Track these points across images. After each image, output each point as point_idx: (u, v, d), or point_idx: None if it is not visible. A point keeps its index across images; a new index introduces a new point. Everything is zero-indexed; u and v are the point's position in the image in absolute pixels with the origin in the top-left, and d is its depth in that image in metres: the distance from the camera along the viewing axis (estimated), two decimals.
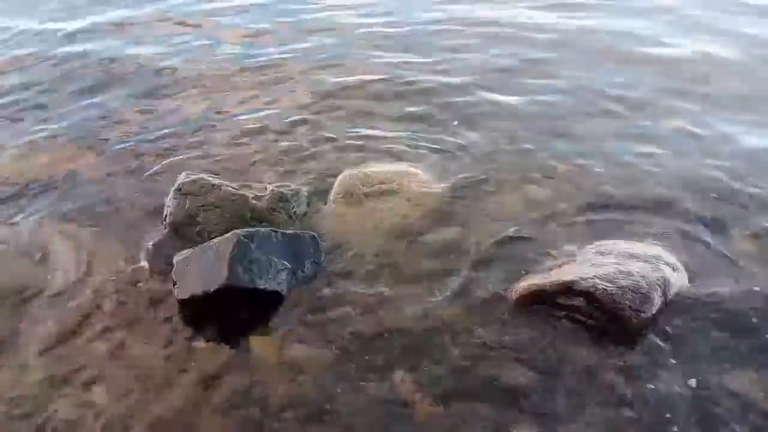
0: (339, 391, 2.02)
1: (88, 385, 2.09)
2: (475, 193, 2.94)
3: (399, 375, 2.05)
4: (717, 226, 2.67)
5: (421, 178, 3.02)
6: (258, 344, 2.21)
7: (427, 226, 2.73)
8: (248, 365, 2.13)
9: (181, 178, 2.90)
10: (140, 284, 2.49)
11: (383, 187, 2.96)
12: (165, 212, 2.81)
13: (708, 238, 2.59)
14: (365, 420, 1.93)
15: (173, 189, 2.86)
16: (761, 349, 2.11)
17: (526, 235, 2.64)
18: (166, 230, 2.74)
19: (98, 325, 2.31)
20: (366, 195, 2.92)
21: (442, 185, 3.00)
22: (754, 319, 2.22)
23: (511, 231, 2.67)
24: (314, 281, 2.45)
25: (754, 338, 2.15)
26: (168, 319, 2.32)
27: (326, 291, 2.41)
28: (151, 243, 2.69)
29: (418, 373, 2.06)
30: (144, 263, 2.59)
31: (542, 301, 2.26)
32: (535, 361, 2.09)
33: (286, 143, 3.44)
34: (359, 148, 3.36)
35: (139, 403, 2.01)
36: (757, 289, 2.34)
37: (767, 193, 2.88)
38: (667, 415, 1.91)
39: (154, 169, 3.26)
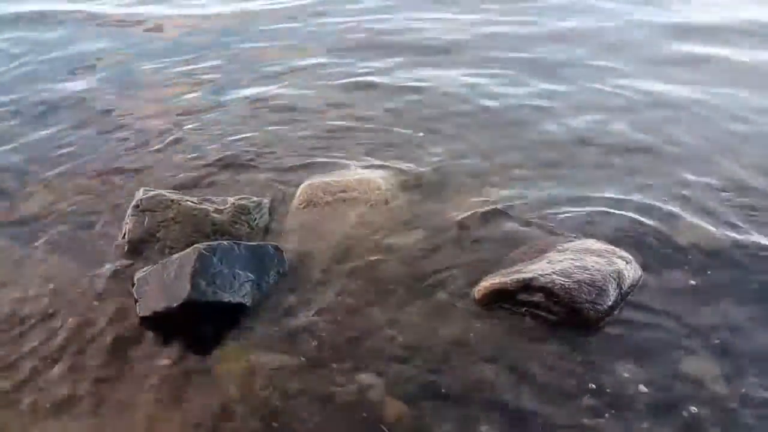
0: (308, 398, 2.02)
1: (49, 408, 2.03)
2: (435, 197, 2.99)
3: (367, 379, 2.07)
4: (667, 219, 2.78)
5: (382, 185, 3.06)
6: (224, 357, 2.19)
7: (389, 232, 2.76)
8: (215, 379, 2.11)
9: (139, 194, 2.86)
10: (101, 304, 2.44)
11: (345, 195, 2.98)
12: (124, 230, 2.76)
13: (659, 232, 2.70)
14: (336, 425, 1.94)
15: (131, 206, 2.82)
16: (713, 335, 2.21)
17: (485, 236, 2.70)
18: (126, 248, 2.70)
19: (57, 346, 2.25)
20: (328, 203, 2.94)
21: (403, 191, 3.04)
22: (705, 307, 2.32)
23: (471, 233, 2.73)
24: (279, 291, 2.45)
25: (706, 326, 2.24)
26: (131, 338, 2.28)
27: (291, 300, 2.41)
28: (110, 262, 2.64)
29: (385, 376, 2.08)
30: (103, 283, 2.54)
31: (503, 298, 2.32)
32: (499, 357, 2.14)
33: (245, 155, 3.43)
34: (320, 157, 3.38)
35: (102, 422, 1.97)
36: (706, 278, 2.45)
37: (716, 185, 3.02)
38: (627, 403, 1.97)
39: (111, 186, 3.20)
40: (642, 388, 2.02)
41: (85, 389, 2.09)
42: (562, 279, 2.26)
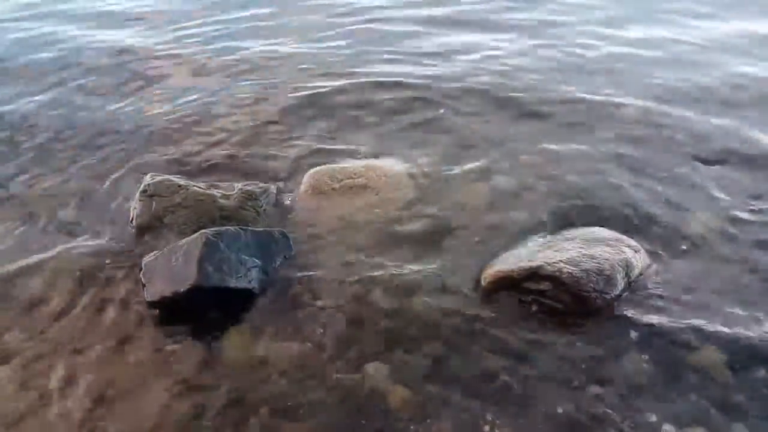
0: (314, 384, 2.03)
1: (58, 392, 2.06)
2: (442, 185, 2.98)
3: (372, 366, 2.07)
4: (675, 208, 2.76)
5: (389, 172, 3.05)
6: (231, 342, 2.20)
7: (396, 219, 2.75)
8: (222, 364, 2.13)
9: (147, 179, 2.87)
10: (108, 288, 2.46)
11: (352, 181, 2.97)
12: (131, 215, 2.78)
13: (667, 221, 2.68)
14: (341, 412, 1.94)
15: (139, 191, 2.83)
16: (720, 324, 2.19)
17: (492, 224, 2.69)
18: (133, 233, 2.71)
19: (67, 331, 2.27)
20: (335, 190, 2.93)
21: (410, 178, 3.03)
22: (713, 296, 2.31)
23: (478, 220, 2.72)
24: (286, 277, 2.45)
25: (714, 315, 2.23)
26: (138, 323, 2.30)
27: (297, 287, 2.41)
28: (118, 246, 2.66)
29: (391, 364, 2.08)
30: (111, 267, 2.55)
31: (510, 286, 2.31)
32: (505, 345, 2.13)
33: (254, 140, 3.43)
34: (328, 144, 3.37)
35: (111, 408, 1.99)
36: (713, 267, 2.43)
37: (722, 175, 2.99)
38: (633, 391, 1.97)
39: (119, 171, 3.21)
40: (648, 377, 2.01)
41: (92, 373, 2.11)
42: (570, 267, 2.24)
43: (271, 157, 3.27)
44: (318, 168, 3.09)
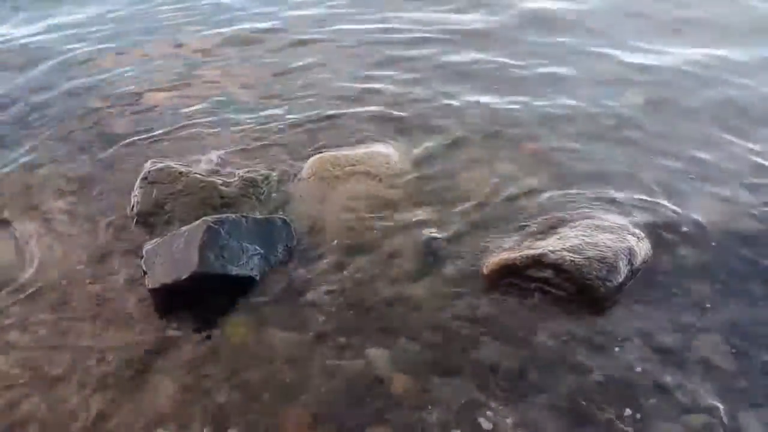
0: (315, 371, 2.03)
1: (60, 379, 2.06)
2: (444, 172, 2.96)
3: (374, 353, 2.07)
4: (679, 196, 2.74)
5: (392, 159, 3.03)
6: (233, 330, 2.20)
7: (398, 206, 2.74)
8: (224, 351, 2.13)
9: (147, 166, 2.86)
10: (110, 276, 2.45)
11: (354, 168, 2.95)
12: (132, 202, 2.77)
13: (671, 208, 2.66)
14: (342, 398, 1.95)
15: (140, 178, 2.82)
16: (724, 314, 2.19)
17: (495, 212, 2.68)
18: (134, 220, 2.70)
19: (68, 319, 2.28)
20: (336, 177, 2.92)
21: (412, 165, 3.01)
22: (716, 285, 2.30)
23: (480, 208, 2.71)
24: (287, 265, 2.45)
25: (717, 303, 2.23)
26: (140, 310, 2.30)
27: (299, 274, 2.41)
28: (119, 234, 2.65)
29: (392, 351, 2.08)
30: (112, 255, 2.55)
31: (513, 274, 2.30)
32: (507, 333, 2.13)
33: (254, 128, 3.40)
34: (330, 130, 3.35)
35: (114, 396, 2.00)
36: (718, 256, 2.42)
37: (728, 162, 2.97)
38: (634, 380, 1.97)
39: (119, 158, 3.19)
40: (651, 365, 2.01)
41: (93, 360, 2.12)
42: (573, 255, 2.23)
43: (273, 143, 3.25)
44: (320, 154, 3.07)
